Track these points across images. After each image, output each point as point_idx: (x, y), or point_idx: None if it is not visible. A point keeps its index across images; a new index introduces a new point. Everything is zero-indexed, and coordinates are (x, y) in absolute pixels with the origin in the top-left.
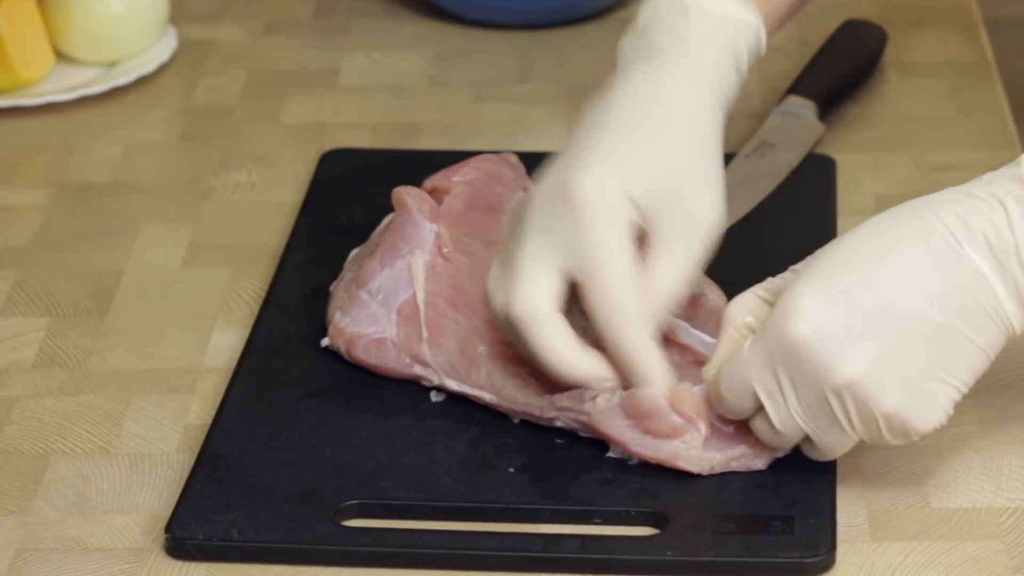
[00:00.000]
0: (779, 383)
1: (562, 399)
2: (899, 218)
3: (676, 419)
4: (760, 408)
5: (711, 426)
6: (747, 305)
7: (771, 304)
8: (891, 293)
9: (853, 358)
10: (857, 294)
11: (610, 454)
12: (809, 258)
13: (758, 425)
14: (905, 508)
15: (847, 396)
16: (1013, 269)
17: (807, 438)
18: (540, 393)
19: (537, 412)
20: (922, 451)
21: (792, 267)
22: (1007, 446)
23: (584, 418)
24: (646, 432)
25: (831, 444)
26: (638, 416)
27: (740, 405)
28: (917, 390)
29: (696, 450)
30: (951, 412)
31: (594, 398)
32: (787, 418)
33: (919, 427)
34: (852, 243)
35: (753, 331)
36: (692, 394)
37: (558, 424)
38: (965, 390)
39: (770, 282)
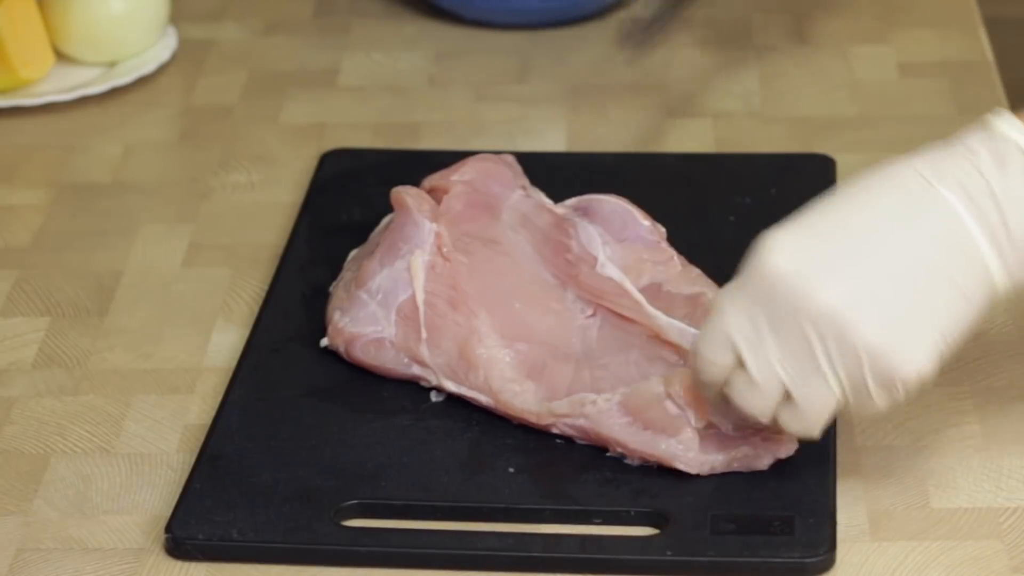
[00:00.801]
0: (756, 327)
1: (562, 406)
2: (875, 172)
3: (671, 407)
4: (736, 366)
5: (711, 425)
6: None
7: None
8: (867, 229)
9: (831, 287)
10: (833, 233)
11: (610, 454)
12: None
13: (735, 382)
14: (905, 508)
15: (826, 328)
16: (987, 210)
17: (787, 405)
18: (535, 404)
19: (533, 420)
20: (922, 451)
21: None
22: (1007, 446)
23: (582, 422)
24: (646, 428)
25: (812, 399)
26: (636, 409)
27: (718, 360)
28: (899, 327)
29: (694, 452)
30: (933, 366)
31: (594, 401)
32: (765, 365)
33: (903, 368)
34: (829, 196)
35: None
36: (686, 377)
37: (554, 431)
38: (950, 342)
39: None
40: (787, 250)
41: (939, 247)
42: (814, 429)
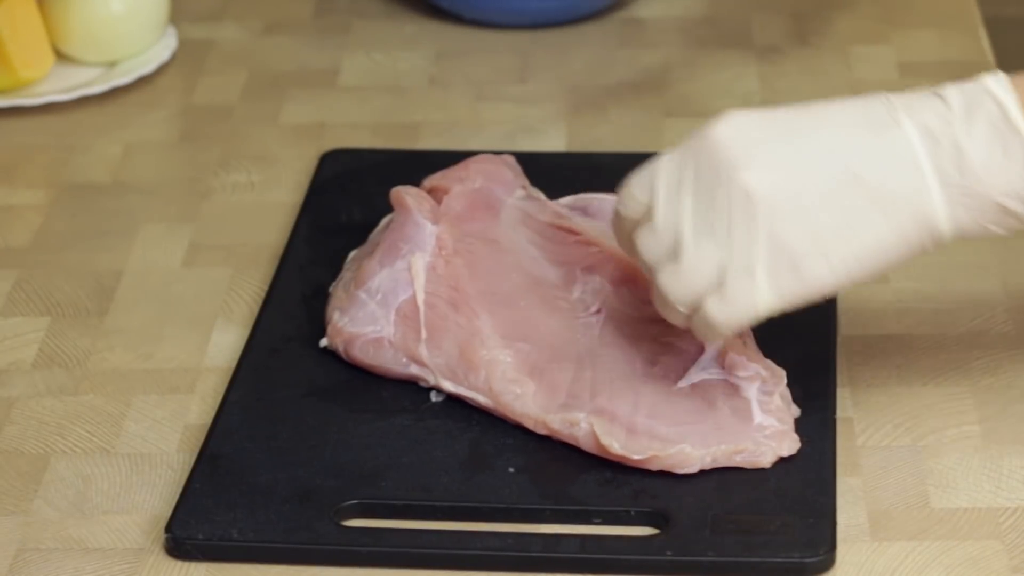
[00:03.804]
0: (680, 179)
1: (554, 421)
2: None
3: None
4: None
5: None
6: None
7: None
8: (817, 133)
9: (758, 169)
10: (784, 126)
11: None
12: None
13: (642, 228)
14: (905, 508)
15: (739, 204)
16: (945, 151)
17: (671, 265)
18: (535, 409)
19: (530, 426)
20: (922, 451)
21: None
22: (1007, 446)
23: (572, 441)
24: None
25: (697, 263)
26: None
27: (641, 197)
28: (812, 232)
29: (689, 448)
30: (834, 283)
31: (578, 423)
32: (671, 214)
33: (807, 273)
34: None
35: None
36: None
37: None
38: (866, 268)
39: None
40: (734, 123)
41: (883, 173)
42: (687, 296)
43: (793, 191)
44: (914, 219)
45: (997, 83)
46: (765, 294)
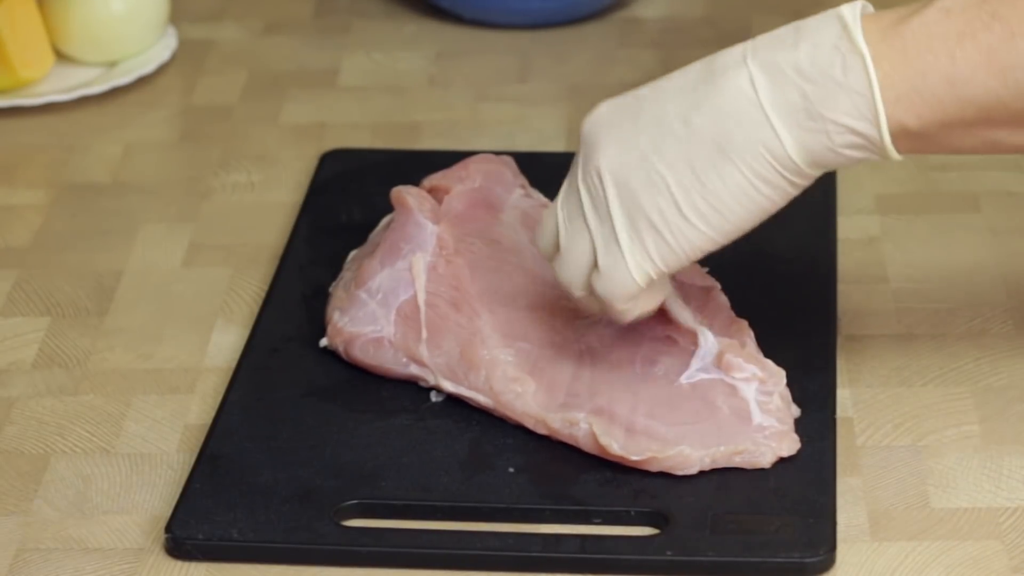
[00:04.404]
0: (570, 175)
1: (554, 420)
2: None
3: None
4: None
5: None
6: None
7: None
8: (657, 97)
9: (608, 150)
10: (635, 100)
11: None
12: None
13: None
14: (905, 508)
15: (597, 186)
16: (789, 84)
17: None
18: (535, 408)
19: (530, 425)
20: (922, 451)
21: None
22: (1007, 446)
23: (571, 441)
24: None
25: (572, 247)
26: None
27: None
28: (668, 196)
29: (689, 450)
30: (716, 234)
31: (578, 423)
32: (552, 208)
33: (672, 234)
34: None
35: None
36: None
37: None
38: (732, 215)
39: None
40: (597, 113)
41: (722, 119)
42: (574, 279)
43: (640, 162)
44: (762, 156)
45: (849, 8)
46: (635, 261)
